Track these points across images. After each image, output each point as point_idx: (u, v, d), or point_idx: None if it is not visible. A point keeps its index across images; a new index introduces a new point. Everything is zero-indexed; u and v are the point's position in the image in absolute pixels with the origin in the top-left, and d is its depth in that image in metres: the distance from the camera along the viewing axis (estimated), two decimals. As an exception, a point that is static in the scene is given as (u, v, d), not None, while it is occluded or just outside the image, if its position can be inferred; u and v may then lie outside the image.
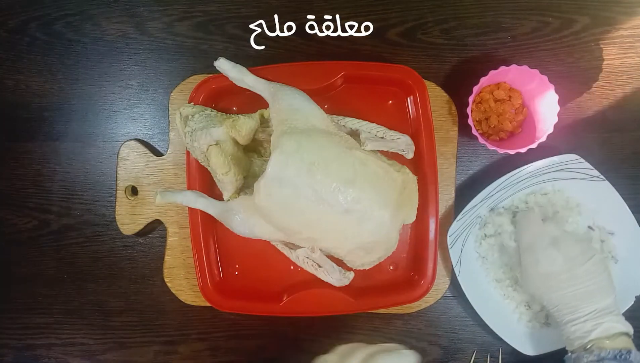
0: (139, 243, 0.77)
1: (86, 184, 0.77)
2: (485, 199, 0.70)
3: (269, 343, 0.76)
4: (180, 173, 0.74)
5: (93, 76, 0.77)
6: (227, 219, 0.67)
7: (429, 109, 0.69)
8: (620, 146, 0.75)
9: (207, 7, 0.76)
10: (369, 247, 0.63)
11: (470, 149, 0.75)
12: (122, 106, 0.77)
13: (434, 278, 0.69)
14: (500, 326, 0.70)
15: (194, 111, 0.67)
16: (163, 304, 0.77)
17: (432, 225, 0.69)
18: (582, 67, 0.75)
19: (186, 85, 0.73)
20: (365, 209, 0.60)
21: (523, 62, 0.69)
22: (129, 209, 0.74)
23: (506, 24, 0.75)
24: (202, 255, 0.70)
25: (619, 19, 0.74)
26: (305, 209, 0.60)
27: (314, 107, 0.65)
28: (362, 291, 0.71)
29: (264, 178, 0.60)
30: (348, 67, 0.69)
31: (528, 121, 0.71)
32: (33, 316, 0.78)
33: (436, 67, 0.75)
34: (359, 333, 0.76)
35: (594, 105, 0.75)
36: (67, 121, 0.77)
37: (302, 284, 0.71)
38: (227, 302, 0.70)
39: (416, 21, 0.75)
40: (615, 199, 0.69)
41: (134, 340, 0.77)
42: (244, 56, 0.76)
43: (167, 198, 0.68)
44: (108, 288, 0.77)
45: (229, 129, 0.65)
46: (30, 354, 0.78)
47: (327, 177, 0.59)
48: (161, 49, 0.76)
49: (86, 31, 0.77)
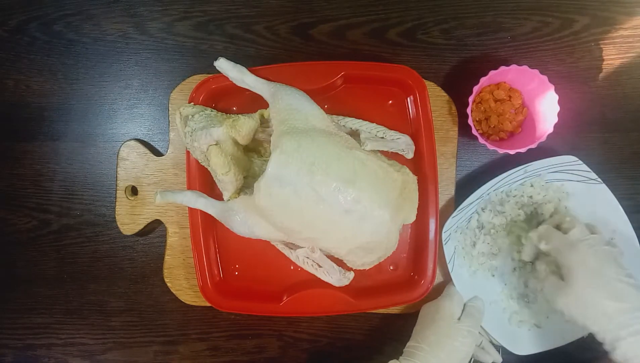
0: (139, 243, 0.77)
1: (86, 184, 0.77)
2: (481, 197, 0.70)
3: (269, 343, 0.77)
4: (180, 173, 0.74)
5: (93, 76, 0.77)
6: (227, 219, 0.67)
7: (429, 109, 0.69)
8: (620, 147, 0.75)
9: (207, 7, 0.76)
10: (369, 247, 0.63)
11: (470, 149, 0.75)
12: (122, 106, 0.77)
13: (433, 278, 0.69)
14: (492, 325, 0.70)
15: (194, 111, 0.67)
16: (163, 304, 0.77)
17: (432, 225, 0.69)
18: (582, 67, 0.75)
19: (186, 85, 0.74)
20: (365, 209, 0.60)
21: (523, 62, 0.69)
22: (129, 209, 0.74)
23: (506, 24, 0.75)
24: (202, 255, 0.70)
25: (619, 19, 0.74)
26: (305, 209, 0.60)
27: (314, 107, 0.65)
28: (362, 291, 0.71)
29: (264, 177, 0.60)
30: (348, 67, 0.69)
31: (528, 121, 0.71)
32: (33, 316, 0.78)
33: (436, 67, 0.75)
34: (359, 333, 0.76)
35: (594, 105, 0.75)
36: (67, 121, 0.77)
37: (302, 284, 0.71)
38: (227, 302, 0.70)
39: (416, 21, 0.75)
40: (611, 203, 0.69)
41: (134, 340, 0.77)
42: (244, 56, 0.76)
43: (167, 198, 0.68)
44: (108, 288, 0.77)
45: (229, 129, 0.65)
46: (30, 354, 0.78)
47: (327, 177, 0.59)
48: (161, 49, 0.76)
49: (86, 31, 0.77)
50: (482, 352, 0.69)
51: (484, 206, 0.72)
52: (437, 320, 0.65)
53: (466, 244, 0.72)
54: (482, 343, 0.69)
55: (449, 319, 0.65)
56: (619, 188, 0.69)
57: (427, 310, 0.69)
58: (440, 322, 0.65)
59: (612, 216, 0.69)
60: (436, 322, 0.65)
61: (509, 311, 0.71)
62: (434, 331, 0.65)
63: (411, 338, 0.66)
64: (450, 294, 0.69)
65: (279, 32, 0.76)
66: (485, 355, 0.69)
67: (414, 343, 0.65)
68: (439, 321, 0.65)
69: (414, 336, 0.67)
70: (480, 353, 0.69)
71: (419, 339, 0.65)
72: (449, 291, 0.69)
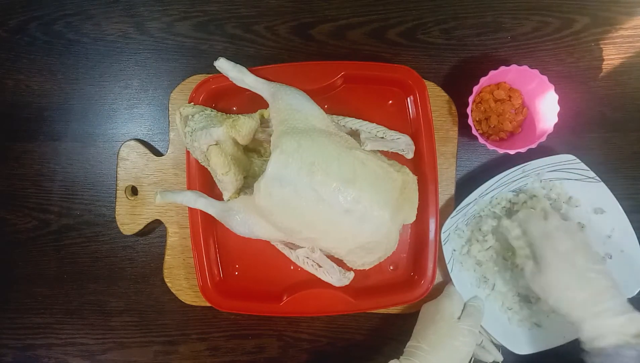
0: (139, 243, 0.77)
1: (86, 184, 0.77)
2: (480, 197, 0.70)
3: (269, 343, 0.77)
4: (180, 173, 0.74)
5: (93, 76, 0.77)
6: (227, 219, 0.67)
7: (429, 109, 0.69)
8: (620, 146, 0.75)
9: (207, 7, 0.76)
10: (369, 247, 0.63)
11: (470, 149, 0.75)
12: (122, 106, 0.77)
13: (433, 278, 0.69)
14: (493, 324, 0.70)
15: (194, 111, 0.67)
16: (163, 304, 0.77)
17: (432, 225, 0.69)
18: (582, 67, 0.75)
19: (186, 85, 0.73)
20: (366, 209, 0.60)
21: (523, 62, 0.69)
22: (129, 209, 0.74)
23: (506, 24, 0.75)
24: (202, 255, 0.70)
25: (619, 19, 0.74)
26: (305, 209, 0.60)
27: (314, 107, 0.65)
28: (362, 291, 0.71)
29: (264, 177, 0.60)
30: (348, 67, 0.69)
31: (528, 121, 0.71)
32: (33, 317, 0.78)
33: (436, 67, 0.75)
34: (359, 333, 0.76)
35: (594, 105, 0.75)
36: (67, 121, 0.77)
37: (302, 284, 0.71)
38: (227, 302, 0.70)
39: (416, 21, 0.75)
40: (610, 201, 0.69)
41: (134, 340, 0.77)
42: (244, 56, 0.76)
43: (167, 198, 0.68)
44: (108, 288, 0.77)
45: (229, 129, 0.65)
46: (30, 354, 0.78)
47: (327, 177, 0.59)
48: (161, 49, 0.76)
49: (86, 31, 0.77)
50: (483, 351, 0.69)
51: (483, 206, 0.72)
52: (437, 320, 0.65)
53: (465, 244, 0.72)
54: (482, 342, 0.70)
55: (449, 319, 0.65)
56: (619, 187, 0.70)
57: (427, 309, 0.69)
58: (441, 321, 0.65)
59: (610, 215, 0.69)
60: (436, 322, 0.65)
61: (509, 311, 0.71)
62: (434, 331, 0.65)
63: (411, 337, 0.67)
64: (450, 294, 0.69)
65: (279, 32, 0.76)
66: (486, 354, 0.69)
67: (415, 342, 0.65)
68: (439, 321, 0.65)
69: (414, 336, 0.67)
70: (480, 352, 0.69)
71: (419, 339, 0.65)
72: (449, 291, 0.69)
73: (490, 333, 0.70)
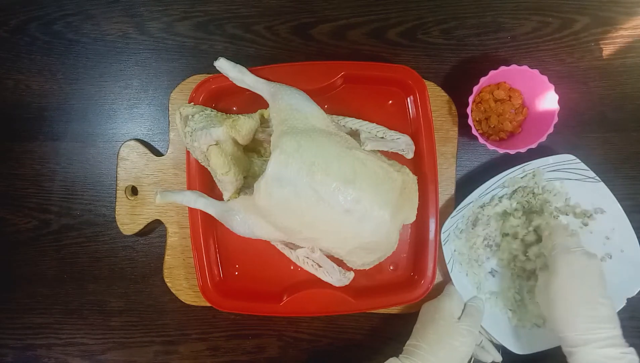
0: (139, 243, 0.77)
1: (86, 184, 0.77)
2: (479, 197, 0.70)
3: (269, 343, 0.77)
4: (180, 173, 0.74)
5: (93, 76, 0.77)
6: (227, 219, 0.67)
7: (429, 109, 0.69)
8: (620, 146, 0.75)
9: (207, 7, 0.76)
10: (369, 247, 0.63)
11: (470, 149, 0.75)
12: (122, 106, 0.77)
13: (434, 278, 0.69)
14: (492, 324, 0.70)
15: (194, 111, 0.67)
16: (163, 304, 0.77)
17: (432, 225, 0.69)
18: (582, 67, 0.75)
19: (186, 85, 0.74)
20: (366, 209, 0.60)
21: (523, 62, 0.69)
22: (129, 209, 0.74)
23: (506, 24, 0.75)
24: (202, 255, 0.70)
25: (619, 19, 0.74)
26: (305, 209, 0.60)
27: (314, 107, 0.65)
28: (362, 291, 0.71)
29: (264, 177, 0.59)
30: (348, 67, 0.69)
31: (528, 121, 0.71)
32: (33, 317, 0.78)
33: (436, 67, 0.75)
34: (359, 333, 0.76)
35: (594, 105, 0.75)
36: (67, 121, 0.77)
37: (302, 284, 0.71)
38: (227, 302, 0.70)
39: (416, 21, 0.75)
40: (610, 201, 0.69)
41: (134, 340, 0.77)
42: (244, 56, 0.76)
43: (167, 198, 0.68)
44: (108, 288, 0.77)
45: (229, 129, 0.65)
46: (30, 354, 0.78)
47: (327, 177, 0.59)
48: (161, 49, 0.76)
49: (86, 31, 0.77)
50: (482, 351, 0.69)
51: (482, 206, 0.72)
52: (437, 320, 0.66)
53: (465, 244, 0.72)
54: (482, 342, 0.70)
55: (448, 318, 0.66)
56: (619, 187, 0.70)
57: (427, 309, 0.69)
58: (440, 321, 0.65)
59: (610, 215, 0.69)
60: (436, 321, 0.65)
61: (509, 311, 0.71)
62: (434, 330, 0.65)
63: (411, 336, 0.67)
64: (450, 294, 0.69)
65: (279, 32, 0.76)
66: (486, 354, 0.69)
67: (414, 341, 0.65)
68: (438, 320, 0.65)
69: (413, 334, 0.67)
70: (480, 352, 0.69)
71: (419, 338, 0.65)
72: (448, 290, 0.69)
73: (489, 333, 0.70)
